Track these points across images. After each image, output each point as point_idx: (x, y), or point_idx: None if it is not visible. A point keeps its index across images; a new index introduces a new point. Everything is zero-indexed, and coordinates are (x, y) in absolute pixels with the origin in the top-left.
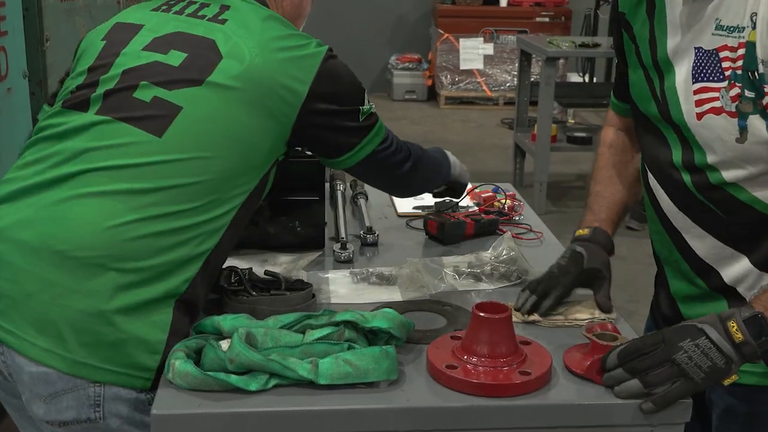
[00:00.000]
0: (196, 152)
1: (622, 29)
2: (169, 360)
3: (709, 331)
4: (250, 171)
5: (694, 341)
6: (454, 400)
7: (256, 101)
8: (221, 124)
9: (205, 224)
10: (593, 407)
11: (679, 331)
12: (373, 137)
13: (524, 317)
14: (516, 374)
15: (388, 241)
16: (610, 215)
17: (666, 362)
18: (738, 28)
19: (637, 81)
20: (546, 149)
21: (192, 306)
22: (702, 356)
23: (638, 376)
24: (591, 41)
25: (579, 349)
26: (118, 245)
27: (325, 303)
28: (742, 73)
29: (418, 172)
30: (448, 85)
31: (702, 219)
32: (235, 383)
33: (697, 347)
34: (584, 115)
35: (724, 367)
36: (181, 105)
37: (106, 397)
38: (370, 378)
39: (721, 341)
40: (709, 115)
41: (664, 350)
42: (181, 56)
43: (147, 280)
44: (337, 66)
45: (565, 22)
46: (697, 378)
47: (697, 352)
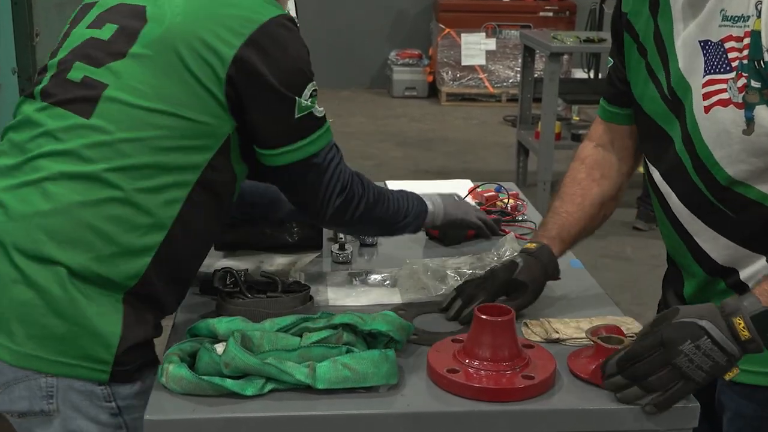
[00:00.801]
0: (121, 133)
1: (623, 30)
2: (163, 364)
3: (710, 330)
4: (191, 153)
5: (695, 343)
6: (455, 405)
7: (178, 66)
8: (145, 98)
9: (144, 214)
10: (599, 412)
11: (679, 330)
12: (306, 146)
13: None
14: (519, 378)
15: (387, 242)
16: (560, 233)
17: (666, 366)
18: (743, 17)
19: (641, 81)
20: (550, 147)
21: (151, 301)
22: (703, 357)
23: (638, 382)
24: (596, 36)
25: (584, 352)
26: (59, 234)
27: (323, 305)
28: (748, 62)
29: (354, 215)
30: (449, 82)
31: (712, 220)
32: (231, 388)
33: (698, 349)
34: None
35: (726, 365)
36: (107, 82)
37: (59, 389)
38: (370, 382)
39: (724, 340)
40: (716, 108)
41: (664, 354)
42: (112, 29)
43: (91, 271)
44: (280, 37)
45: (569, 17)
46: (699, 378)
47: (698, 354)
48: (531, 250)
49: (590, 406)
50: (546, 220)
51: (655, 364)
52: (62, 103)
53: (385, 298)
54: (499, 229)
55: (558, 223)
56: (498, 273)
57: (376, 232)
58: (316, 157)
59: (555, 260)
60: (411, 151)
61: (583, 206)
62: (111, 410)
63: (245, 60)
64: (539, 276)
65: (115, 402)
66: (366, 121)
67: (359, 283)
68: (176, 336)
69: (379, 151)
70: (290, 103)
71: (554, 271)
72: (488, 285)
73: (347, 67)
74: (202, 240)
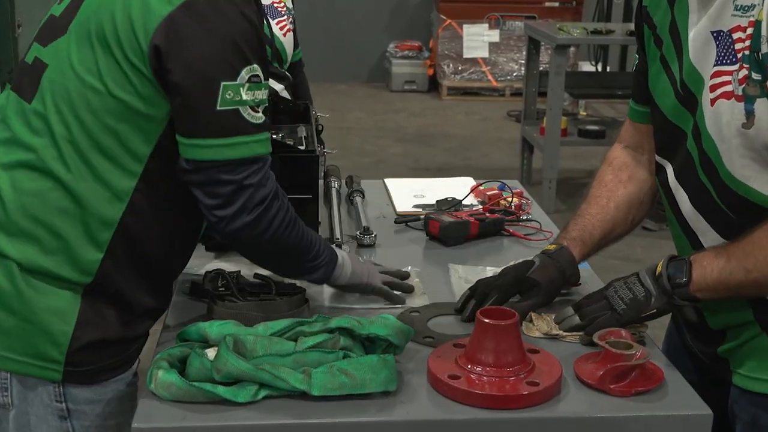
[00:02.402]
0: (55, 117)
1: (643, 24)
2: (152, 369)
3: (640, 272)
4: (132, 138)
5: (624, 279)
6: (457, 413)
7: (104, 39)
8: (78, 78)
9: (88, 206)
10: (606, 420)
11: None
12: (223, 147)
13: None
14: (523, 385)
15: (386, 242)
16: (582, 236)
17: (600, 299)
18: (751, 6)
19: (657, 73)
20: (556, 143)
21: (114, 299)
22: (625, 289)
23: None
24: (604, 28)
25: (591, 358)
26: (9, 226)
27: (328, 307)
28: (749, 53)
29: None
30: (450, 75)
31: (715, 221)
32: (223, 394)
33: (624, 283)
34: (597, 107)
35: (643, 299)
36: (47, 62)
37: (13, 383)
38: (367, 389)
39: (644, 276)
40: (720, 101)
41: (604, 288)
42: (66, 3)
43: (39, 265)
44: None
45: (576, 7)
46: (618, 308)
47: (623, 287)
48: (549, 252)
49: (598, 413)
50: (568, 222)
51: (593, 298)
52: (17, 88)
53: (385, 302)
54: (502, 228)
55: (580, 225)
56: (510, 271)
57: (282, 264)
58: (235, 166)
59: (574, 263)
60: (411, 147)
61: (608, 208)
62: (59, 411)
63: (172, 26)
64: (555, 278)
65: (66, 404)
66: (364, 116)
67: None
68: (166, 341)
69: (378, 147)
70: (213, 87)
71: (573, 274)
72: (500, 283)
73: (344, 59)
74: (167, 233)
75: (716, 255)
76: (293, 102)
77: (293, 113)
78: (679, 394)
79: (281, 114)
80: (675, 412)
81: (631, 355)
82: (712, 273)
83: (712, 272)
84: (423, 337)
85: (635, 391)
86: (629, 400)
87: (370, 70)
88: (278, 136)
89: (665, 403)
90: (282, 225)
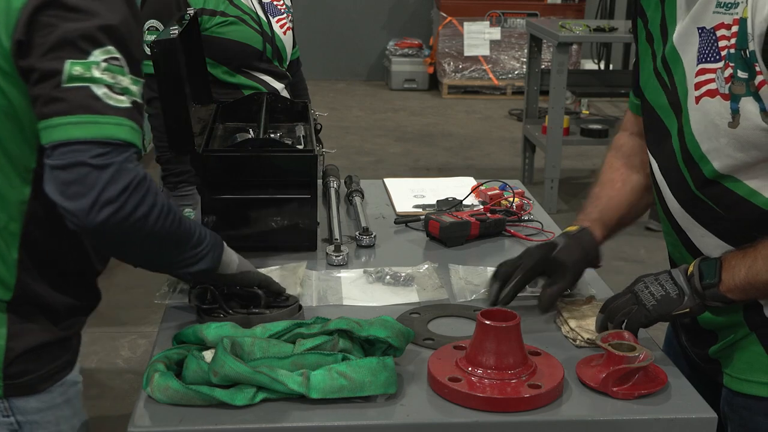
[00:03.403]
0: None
1: (638, 16)
2: (148, 372)
3: (672, 270)
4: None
5: (655, 276)
6: (457, 416)
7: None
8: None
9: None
10: (609, 423)
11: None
12: (69, 127)
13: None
14: (525, 387)
15: (385, 243)
16: (602, 217)
17: (627, 293)
18: (734, 4)
19: (648, 69)
20: (558, 143)
21: (38, 305)
22: (657, 286)
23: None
24: (607, 25)
25: (593, 360)
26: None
27: (336, 306)
28: (735, 51)
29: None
30: (451, 73)
31: (703, 217)
32: (220, 397)
33: (656, 279)
34: (599, 106)
35: (675, 297)
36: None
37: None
38: (367, 392)
39: (677, 274)
40: (705, 98)
41: (632, 284)
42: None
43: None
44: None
45: (578, 4)
46: (648, 303)
47: (654, 284)
48: (571, 233)
49: (600, 417)
50: (585, 206)
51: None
52: None
53: (401, 297)
54: (504, 229)
55: (599, 206)
56: (533, 252)
57: (158, 256)
58: (88, 147)
59: (596, 245)
60: (411, 146)
61: (624, 191)
62: (10, 426)
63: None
64: (579, 259)
65: (14, 417)
66: (363, 115)
67: (375, 282)
68: (162, 343)
69: (377, 146)
70: (60, 64)
71: (595, 256)
72: (524, 263)
73: (343, 57)
74: (73, 234)
75: (744, 255)
76: (291, 101)
77: (291, 112)
78: (683, 397)
79: (280, 113)
80: (679, 415)
81: (634, 358)
82: (740, 273)
83: (740, 272)
84: (423, 338)
85: (638, 394)
86: (632, 403)
87: (369, 68)
88: (277, 135)
89: (669, 406)
90: (151, 215)
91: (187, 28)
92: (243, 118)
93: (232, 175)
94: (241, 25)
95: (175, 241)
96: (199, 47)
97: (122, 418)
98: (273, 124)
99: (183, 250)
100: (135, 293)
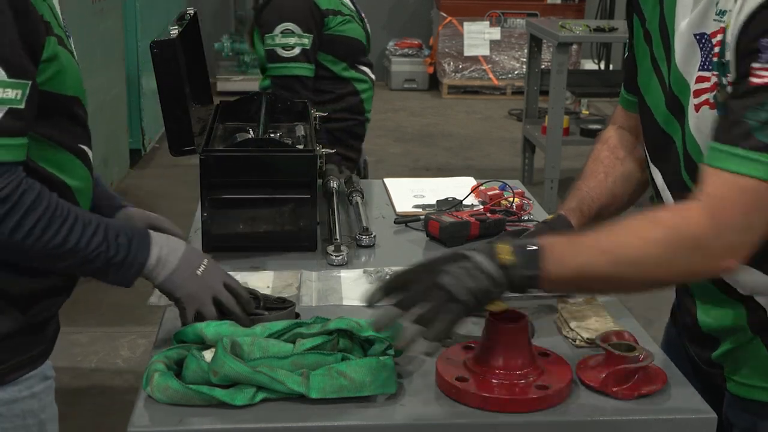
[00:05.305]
0: None
1: (634, 14)
2: (148, 372)
3: (471, 255)
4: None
5: (457, 263)
6: (463, 416)
7: None
8: None
9: None
10: (609, 423)
11: (443, 255)
12: None
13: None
14: (532, 388)
15: (385, 243)
16: (580, 206)
17: (433, 288)
18: (725, 12)
19: (645, 71)
20: (557, 143)
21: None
22: (467, 278)
23: (410, 313)
24: (607, 25)
25: (593, 360)
26: None
27: (336, 306)
28: (717, 60)
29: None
30: (451, 73)
31: None
32: (220, 397)
33: (461, 269)
34: (599, 106)
35: (490, 287)
36: None
37: None
38: (366, 392)
39: (484, 262)
40: (704, 107)
41: (430, 275)
42: None
43: None
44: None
45: (578, 4)
46: (464, 297)
47: (462, 274)
48: (547, 220)
49: (600, 417)
50: (567, 196)
51: (420, 287)
52: None
53: None
54: (503, 229)
55: (578, 196)
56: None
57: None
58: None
59: (571, 230)
60: (410, 146)
61: (606, 182)
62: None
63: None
64: None
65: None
66: None
67: (376, 282)
68: (162, 342)
69: (377, 146)
70: None
71: None
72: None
73: None
74: None
75: (571, 243)
76: (291, 101)
77: (291, 112)
78: (683, 397)
79: (280, 113)
80: (679, 415)
81: (633, 358)
82: (570, 264)
83: (570, 263)
84: None
85: (638, 394)
86: (632, 403)
87: None
88: (277, 135)
89: (669, 406)
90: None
91: (187, 28)
92: (243, 118)
93: (232, 175)
94: (353, 22)
95: (58, 256)
96: (199, 47)
97: (122, 418)
98: (273, 124)
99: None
100: (135, 293)
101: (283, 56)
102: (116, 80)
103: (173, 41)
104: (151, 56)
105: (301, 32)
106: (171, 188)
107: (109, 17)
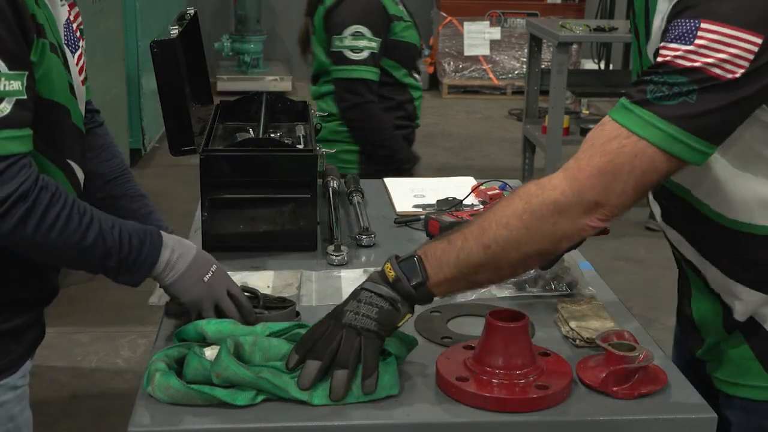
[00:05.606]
0: None
1: (631, 11)
2: (149, 371)
3: (365, 285)
4: None
5: (355, 299)
6: (464, 416)
7: None
8: None
9: None
10: (609, 423)
11: (343, 301)
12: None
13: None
14: (533, 388)
15: (385, 243)
16: None
17: (341, 331)
18: None
19: (635, 66)
20: (558, 142)
21: None
22: (367, 306)
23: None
24: (607, 25)
25: (593, 359)
26: None
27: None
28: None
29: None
30: (451, 73)
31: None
32: (221, 397)
33: (360, 302)
34: (599, 106)
35: (391, 307)
36: None
37: None
38: (370, 397)
39: (377, 286)
40: None
41: (335, 322)
42: None
43: None
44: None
45: (578, 4)
46: (371, 326)
47: (361, 306)
48: None
49: (600, 416)
50: None
51: (332, 334)
52: None
53: None
54: None
55: None
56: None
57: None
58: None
59: None
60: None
61: None
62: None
63: None
64: None
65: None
66: None
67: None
68: (162, 343)
69: None
70: None
71: None
72: None
73: None
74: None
75: (447, 245)
76: (291, 100)
77: (291, 112)
78: (683, 396)
79: (280, 113)
80: (679, 415)
81: (634, 357)
82: (448, 265)
83: (448, 265)
84: (441, 337)
85: (638, 394)
86: (632, 403)
87: None
88: (277, 135)
89: (669, 405)
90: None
91: (187, 28)
92: (243, 117)
93: (232, 174)
94: (412, 29)
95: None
96: (199, 47)
97: (122, 418)
98: (273, 123)
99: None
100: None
101: (351, 58)
102: (116, 80)
103: (173, 41)
104: (151, 56)
105: (371, 35)
106: (171, 188)
107: (109, 17)
